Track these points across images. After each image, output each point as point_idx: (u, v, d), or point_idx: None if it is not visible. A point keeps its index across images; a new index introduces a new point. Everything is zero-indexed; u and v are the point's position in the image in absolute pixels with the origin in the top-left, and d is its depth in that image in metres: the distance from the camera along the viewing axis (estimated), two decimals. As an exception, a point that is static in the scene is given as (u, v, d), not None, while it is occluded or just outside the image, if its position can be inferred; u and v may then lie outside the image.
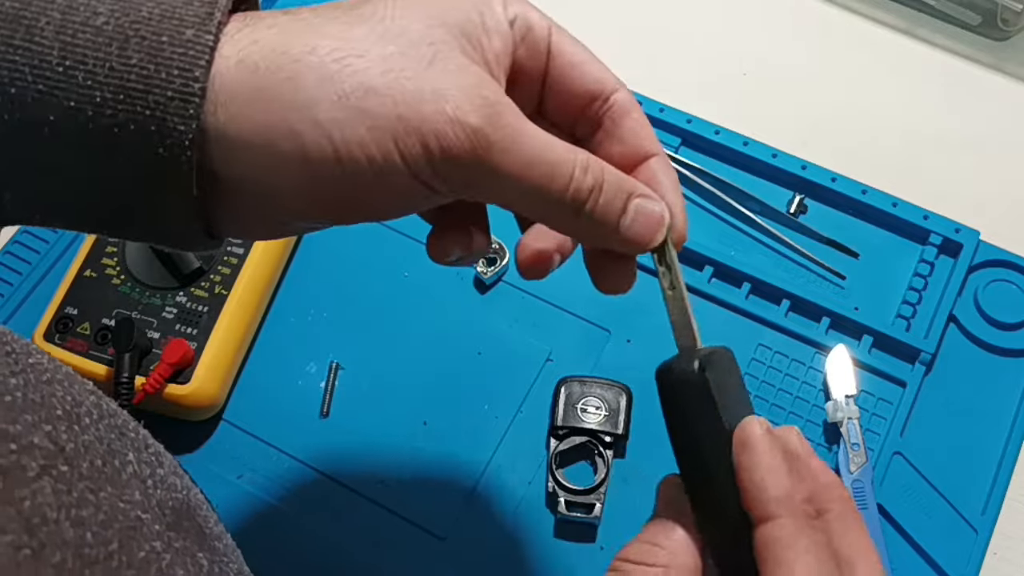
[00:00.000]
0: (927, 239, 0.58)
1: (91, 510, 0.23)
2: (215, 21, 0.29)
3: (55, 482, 0.22)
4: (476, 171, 0.29)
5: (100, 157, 0.29)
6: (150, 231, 0.32)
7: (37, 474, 0.22)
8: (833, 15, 0.70)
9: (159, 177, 0.29)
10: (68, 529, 0.22)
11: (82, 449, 0.24)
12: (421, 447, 0.54)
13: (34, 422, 0.23)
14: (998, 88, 0.66)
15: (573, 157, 0.30)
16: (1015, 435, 0.53)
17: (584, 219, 0.31)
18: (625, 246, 0.32)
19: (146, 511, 0.25)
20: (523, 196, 0.30)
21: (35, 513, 0.21)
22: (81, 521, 0.22)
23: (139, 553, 0.24)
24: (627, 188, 0.32)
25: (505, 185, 0.30)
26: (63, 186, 0.30)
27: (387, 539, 0.51)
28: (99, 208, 0.31)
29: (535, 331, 0.57)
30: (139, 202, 0.30)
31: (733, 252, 0.59)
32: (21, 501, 0.21)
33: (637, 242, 0.32)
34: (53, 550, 0.21)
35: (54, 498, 0.22)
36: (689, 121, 0.62)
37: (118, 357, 0.51)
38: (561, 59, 0.33)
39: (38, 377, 0.24)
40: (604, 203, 0.31)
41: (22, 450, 0.22)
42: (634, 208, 0.32)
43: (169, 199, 0.30)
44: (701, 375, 0.30)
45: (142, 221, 0.31)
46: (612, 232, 0.32)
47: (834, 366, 0.55)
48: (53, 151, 0.29)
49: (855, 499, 0.51)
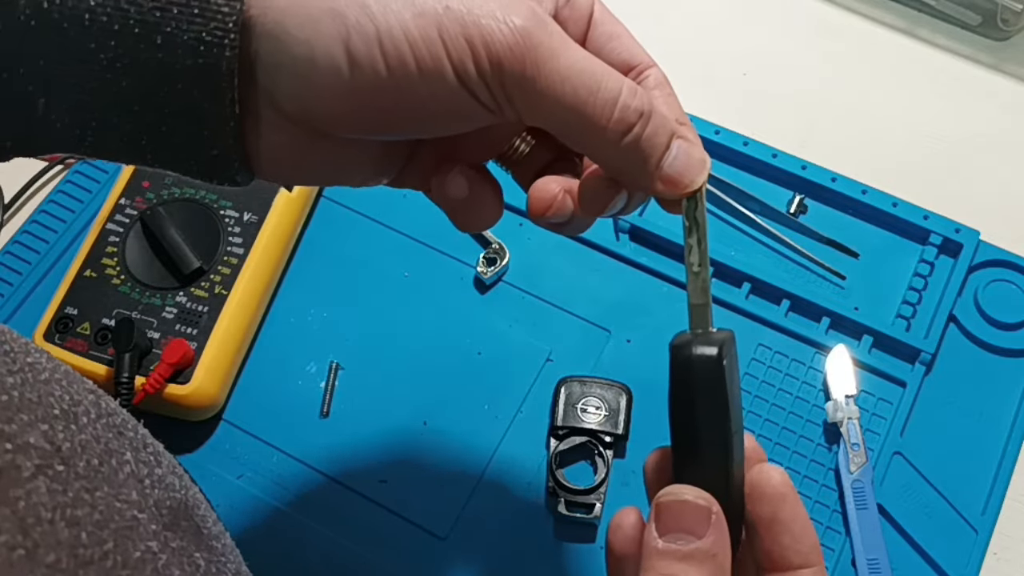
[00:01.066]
0: (927, 239, 0.58)
1: (86, 510, 0.23)
2: None
3: (50, 482, 0.22)
4: (520, 74, 0.28)
5: (142, 47, 0.28)
6: (184, 148, 0.30)
7: (32, 474, 0.22)
8: (833, 15, 0.70)
9: (202, 72, 0.28)
10: (63, 529, 0.22)
11: (79, 448, 0.24)
12: (421, 447, 0.54)
13: (30, 421, 0.23)
14: (998, 88, 0.66)
15: (621, 78, 0.30)
16: (1015, 435, 0.53)
17: (626, 148, 0.30)
18: (663, 184, 0.31)
19: (142, 511, 0.25)
20: (567, 111, 0.29)
21: (29, 513, 0.21)
22: (76, 521, 0.22)
23: (135, 553, 0.24)
24: (671, 127, 0.31)
25: (549, 94, 0.28)
26: (100, 86, 0.29)
27: (387, 539, 0.51)
28: (137, 116, 0.30)
29: (535, 331, 0.57)
30: (180, 104, 0.29)
31: (733, 252, 0.59)
32: (16, 501, 0.21)
33: (677, 180, 0.31)
34: (47, 550, 0.21)
35: (49, 498, 0.22)
36: (689, 121, 0.62)
37: (118, 357, 0.51)
38: (602, 28, 0.33)
39: (36, 376, 0.24)
40: (650, 133, 0.30)
41: (17, 449, 0.22)
42: (677, 147, 0.31)
43: (209, 100, 0.29)
44: (718, 361, 0.30)
45: (180, 129, 0.30)
46: (653, 168, 0.30)
47: (834, 366, 0.55)
48: (93, 42, 0.28)
49: (855, 499, 0.51)
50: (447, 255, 0.59)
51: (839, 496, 0.52)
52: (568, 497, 0.51)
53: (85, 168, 0.63)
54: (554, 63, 0.28)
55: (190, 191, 0.57)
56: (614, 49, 0.33)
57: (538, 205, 0.33)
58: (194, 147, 0.30)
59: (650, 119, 0.30)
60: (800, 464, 0.53)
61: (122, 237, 0.56)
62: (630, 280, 0.58)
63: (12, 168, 0.47)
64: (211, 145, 0.30)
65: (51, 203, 0.62)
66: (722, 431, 0.31)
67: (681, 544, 0.29)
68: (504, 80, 0.28)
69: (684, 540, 0.29)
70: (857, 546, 0.50)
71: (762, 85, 0.67)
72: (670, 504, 0.30)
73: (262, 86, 0.29)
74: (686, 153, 0.31)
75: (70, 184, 0.63)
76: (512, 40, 0.28)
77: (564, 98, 0.29)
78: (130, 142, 0.30)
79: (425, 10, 0.28)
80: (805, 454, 0.53)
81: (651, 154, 0.30)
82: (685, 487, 0.30)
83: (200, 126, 0.29)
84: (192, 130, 0.30)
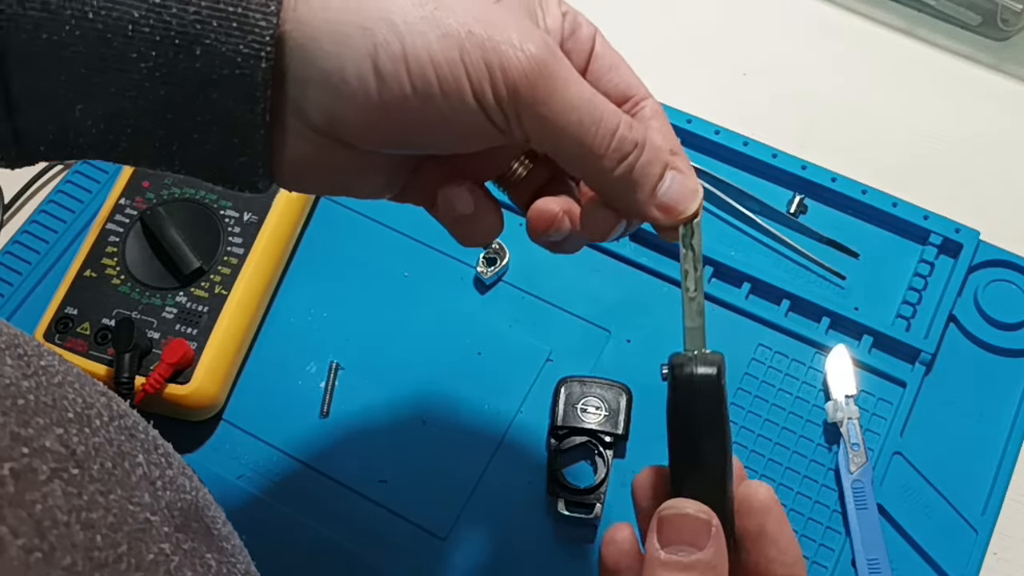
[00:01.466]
0: (927, 239, 0.58)
1: (101, 513, 0.23)
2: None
3: (66, 485, 0.22)
4: (531, 100, 0.30)
5: (181, 57, 0.29)
6: (214, 154, 0.32)
7: (48, 477, 0.22)
8: (833, 15, 0.70)
9: (238, 82, 0.30)
10: (78, 532, 0.22)
11: (92, 452, 0.24)
12: (421, 447, 0.54)
13: (46, 425, 0.23)
14: (998, 88, 0.66)
15: (620, 112, 0.32)
16: (1015, 435, 0.53)
17: (621, 175, 0.32)
18: (658, 212, 0.33)
19: (155, 513, 0.25)
20: (571, 138, 0.31)
21: (46, 516, 0.21)
22: (91, 524, 0.22)
23: (148, 555, 0.24)
24: (664, 158, 0.33)
25: (557, 121, 0.30)
26: (138, 94, 0.30)
27: (387, 539, 0.51)
28: (171, 124, 0.31)
29: (535, 331, 0.57)
30: (213, 112, 0.30)
31: (733, 252, 0.59)
32: (32, 504, 0.21)
33: (671, 208, 0.33)
34: (64, 553, 0.21)
35: (64, 501, 0.22)
36: (689, 121, 0.62)
37: (118, 357, 0.51)
38: (602, 61, 0.35)
39: (49, 379, 0.24)
40: (644, 162, 0.32)
41: (34, 453, 0.22)
42: (671, 177, 0.33)
43: (242, 109, 0.30)
44: (718, 379, 0.32)
45: (211, 136, 0.31)
46: (647, 195, 0.32)
47: (834, 366, 0.55)
48: (135, 52, 0.29)
49: (855, 499, 0.51)
50: (447, 255, 0.59)
51: (839, 496, 0.52)
52: (568, 497, 0.51)
53: (85, 168, 0.63)
54: (564, 92, 0.30)
55: (190, 191, 0.57)
56: (611, 79, 0.35)
57: (538, 224, 0.35)
58: (223, 154, 0.32)
59: (644, 149, 0.32)
60: (800, 464, 0.53)
61: (122, 237, 0.56)
62: (630, 280, 0.58)
63: (12, 168, 0.47)
64: (240, 152, 0.31)
65: (51, 203, 0.62)
66: (720, 447, 0.32)
67: (683, 556, 0.30)
68: (518, 105, 0.30)
69: (686, 552, 0.31)
70: (857, 546, 0.50)
71: (762, 85, 0.67)
72: (672, 517, 0.31)
73: (291, 97, 0.31)
74: (680, 183, 0.33)
75: (70, 184, 0.63)
76: (528, 67, 0.30)
77: (569, 126, 0.31)
78: (162, 147, 0.32)
79: (449, 32, 0.30)
80: (805, 454, 0.53)
81: (644, 182, 0.32)
82: (687, 501, 0.32)
83: (232, 134, 0.31)
84: (223, 137, 0.31)
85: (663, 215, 0.33)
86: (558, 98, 0.30)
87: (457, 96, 0.30)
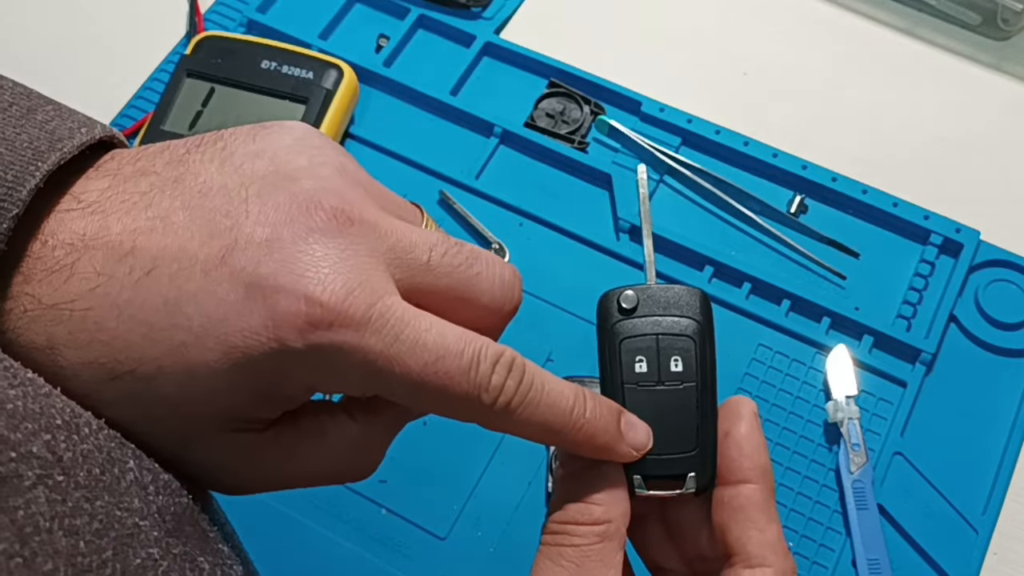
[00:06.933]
0: (927, 239, 0.58)
1: (85, 519, 0.23)
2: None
3: (50, 492, 0.22)
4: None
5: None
6: None
7: (33, 483, 0.22)
8: (833, 15, 0.70)
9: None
10: (60, 538, 0.22)
11: (80, 458, 0.24)
12: (421, 447, 0.54)
13: (34, 430, 0.23)
14: (998, 88, 0.66)
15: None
16: (1015, 435, 0.53)
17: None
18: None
19: (144, 518, 0.25)
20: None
21: (28, 522, 0.22)
22: (75, 530, 0.23)
23: (135, 560, 0.24)
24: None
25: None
26: None
27: (387, 539, 0.51)
28: None
29: (535, 331, 0.57)
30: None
31: (733, 252, 0.59)
32: (15, 510, 0.21)
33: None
34: (45, 559, 0.21)
35: (48, 508, 0.22)
36: (689, 121, 0.62)
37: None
38: None
39: (37, 390, 0.24)
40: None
41: (20, 458, 0.22)
42: None
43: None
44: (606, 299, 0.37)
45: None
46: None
47: (834, 366, 0.54)
48: None
49: (856, 500, 0.51)
50: (447, 255, 0.59)
51: (839, 496, 0.52)
52: (568, 497, 0.51)
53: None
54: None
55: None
56: None
57: None
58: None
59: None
60: (800, 464, 0.53)
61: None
62: (630, 280, 0.58)
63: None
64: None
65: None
66: (611, 358, 0.36)
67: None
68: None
69: None
70: (857, 546, 0.50)
71: (762, 85, 0.67)
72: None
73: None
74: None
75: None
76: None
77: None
78: None
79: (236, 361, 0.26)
80: (805, 454, 0.53)
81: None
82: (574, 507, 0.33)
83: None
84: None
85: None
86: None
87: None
